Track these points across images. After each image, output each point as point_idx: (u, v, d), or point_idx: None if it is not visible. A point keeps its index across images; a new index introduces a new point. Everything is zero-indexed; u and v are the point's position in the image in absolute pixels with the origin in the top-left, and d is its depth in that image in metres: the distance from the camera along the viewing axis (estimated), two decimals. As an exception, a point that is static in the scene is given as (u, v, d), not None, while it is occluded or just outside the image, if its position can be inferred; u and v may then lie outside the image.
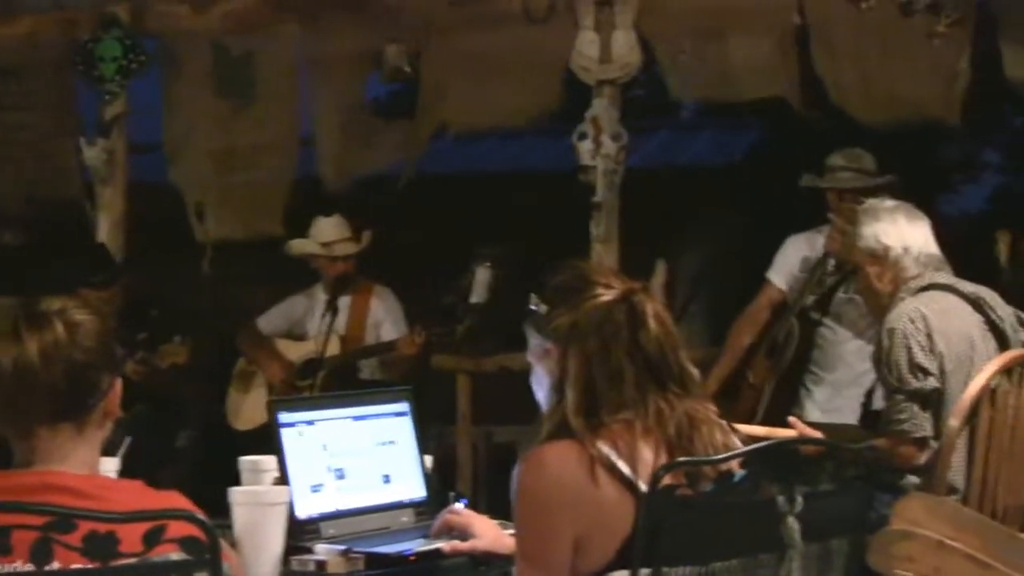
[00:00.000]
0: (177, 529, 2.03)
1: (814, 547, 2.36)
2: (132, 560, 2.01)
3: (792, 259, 5.79)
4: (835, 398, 5.50)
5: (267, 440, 3.04)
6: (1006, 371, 3.97)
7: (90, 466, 2.30)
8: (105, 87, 6.68)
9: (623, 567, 2.33)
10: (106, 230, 6.74)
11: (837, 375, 5.53)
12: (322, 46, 6.73)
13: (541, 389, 2.60)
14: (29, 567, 1.99)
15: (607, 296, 2.52)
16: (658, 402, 2.49)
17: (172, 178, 6.95)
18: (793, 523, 2.28)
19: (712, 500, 2.22)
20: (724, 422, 2.56)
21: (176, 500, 2.19)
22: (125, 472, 3.05)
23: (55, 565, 2.00)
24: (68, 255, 6.29)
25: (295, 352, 6.24)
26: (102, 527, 2.00)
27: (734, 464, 2.28)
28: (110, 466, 3.05)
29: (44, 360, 2.23)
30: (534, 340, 2.60)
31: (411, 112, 6.61)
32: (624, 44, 6.12)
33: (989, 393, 3.94)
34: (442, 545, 2.86)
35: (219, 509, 2.68)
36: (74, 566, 2.00)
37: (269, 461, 3.05)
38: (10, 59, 7.00)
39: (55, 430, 2.25)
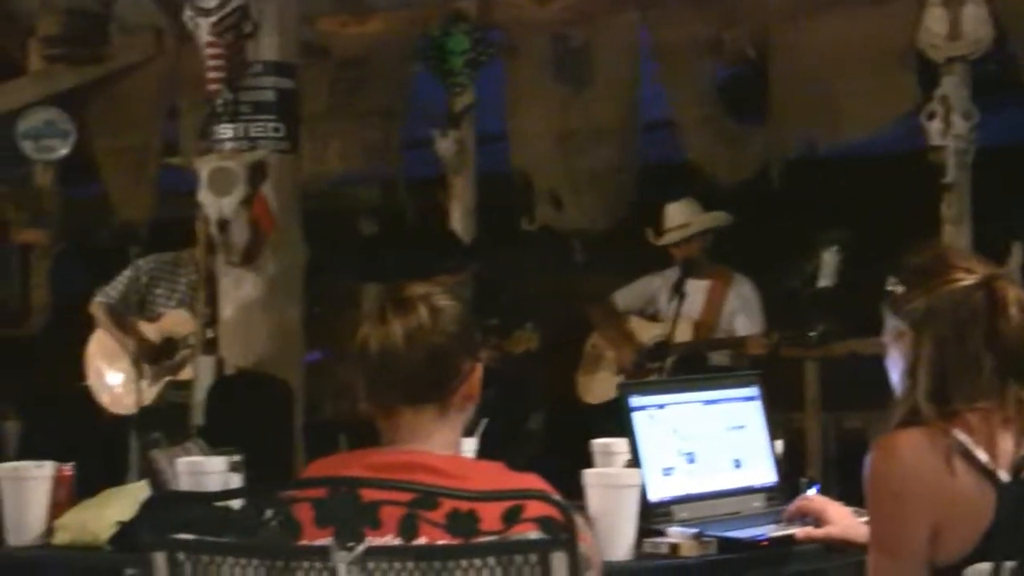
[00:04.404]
0: (535, 509, 2.06)
1: None
2: (493, 538, 2.06)
3: None
4: None
5: (613, 415, 3.05)
6: None
7: (452, 447, 2.38)
8: (454, 80, 6.89)
9: (984, 559, 2.26)
10: (458, 218, 6.96)
11: None
12: (663, 34, 6.76)
13: (895, 372, 2.55)
14: (398, 541, 2.08)
15: (966, 281, 2.45)
16: (1020, 393, 2.40)
17: (517, 165, 7.10)
18: None
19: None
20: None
21: (534, 481, 2.23)
22: (481, 453, 3.14)
23: (422, 540, 2.07)
24: (421, 243, 6.51)
25: (646, 332, 6.26)
26: (464, 505, 2.06)
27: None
28: (468, 446, 3.14)
29: (408, 343, 2.31)
30: (890, 322, 2.55)
31: (758, 105, 6.58)
32: (974, 19, 5.91)
33: None
34: (795, 531, 2.83)
35: (567, 489, 2.72)
36: (439, 542, 2.08)
37: (620, 444, 3.07)
38: (357, 52, 7.29)
39: (418, 411, 2.33)
